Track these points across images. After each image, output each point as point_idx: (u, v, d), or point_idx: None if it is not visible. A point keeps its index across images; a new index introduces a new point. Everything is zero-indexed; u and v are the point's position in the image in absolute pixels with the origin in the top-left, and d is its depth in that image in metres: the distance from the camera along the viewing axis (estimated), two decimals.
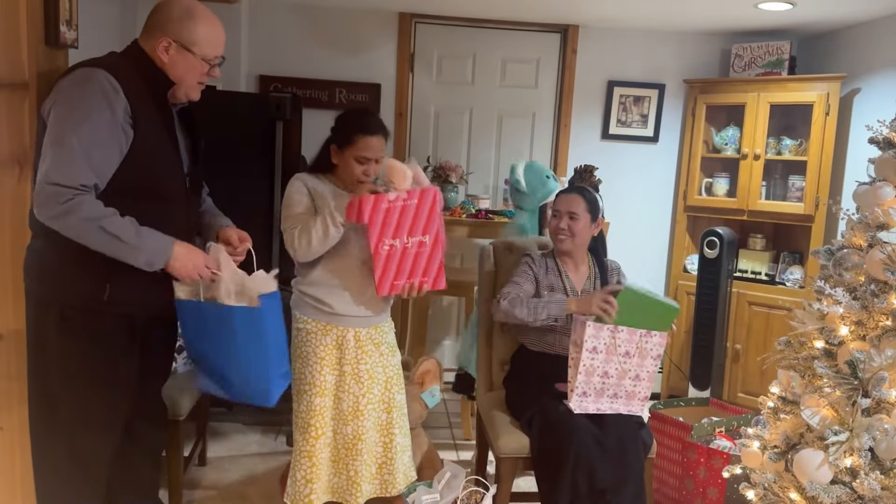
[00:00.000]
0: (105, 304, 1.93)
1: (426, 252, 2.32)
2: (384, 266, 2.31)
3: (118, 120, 1.85)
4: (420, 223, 2.28)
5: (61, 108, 1.83)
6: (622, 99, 4.47)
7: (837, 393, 1.97)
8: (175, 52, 1.95)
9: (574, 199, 2.73)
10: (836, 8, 3.60)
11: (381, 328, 2.52)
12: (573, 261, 2.79)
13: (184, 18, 1.95)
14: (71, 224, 1.82)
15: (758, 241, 4.25)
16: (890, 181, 2.06)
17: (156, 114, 1.95)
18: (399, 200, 2.24)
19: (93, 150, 1.82)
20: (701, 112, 4.27)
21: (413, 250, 2.31)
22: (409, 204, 2.25)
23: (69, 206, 1.79)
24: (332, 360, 2.43)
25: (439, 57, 4.44)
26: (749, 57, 4.18)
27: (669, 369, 4.45)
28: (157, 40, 1.94)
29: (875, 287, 2.00)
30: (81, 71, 1.87)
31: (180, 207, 2.06)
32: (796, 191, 4.00)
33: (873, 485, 1.87)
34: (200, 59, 1.98)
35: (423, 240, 2.30)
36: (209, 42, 1.99)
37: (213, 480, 3.16)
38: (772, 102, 3.99)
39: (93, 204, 1.83)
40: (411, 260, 2.32)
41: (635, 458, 2.43)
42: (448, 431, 3.90)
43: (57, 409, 1.98)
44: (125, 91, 1.86)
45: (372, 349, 2.47)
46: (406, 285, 2.34)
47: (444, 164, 4.12)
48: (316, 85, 4.27)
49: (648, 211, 4.56)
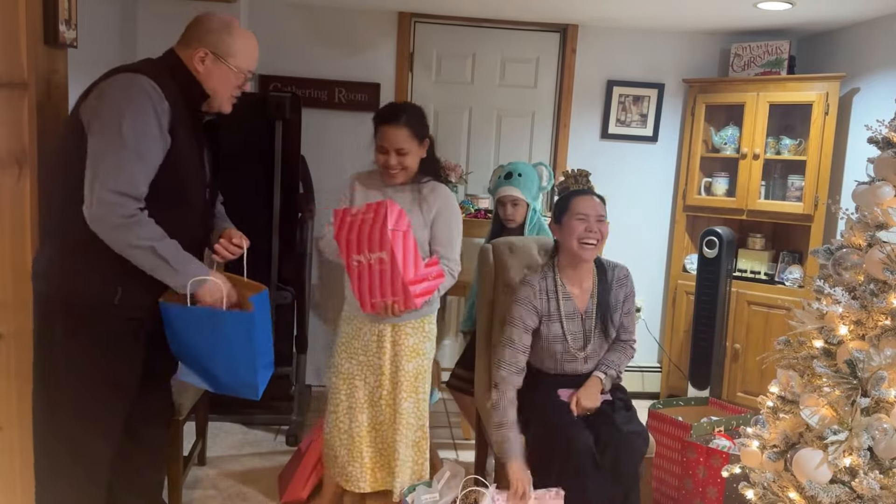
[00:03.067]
0: (115, 307, 1.95)
1: (387, 269, 2.24)
2: (358, 284, 2.32)
3: (163, 127, 1.89)
4: (375, 238, 2.22)
5: (110, 113, 1.84)
6: (621, 98, 4.47)
7: (836, 392, 1.97)
8: (211, 62, 2.01)
9: (597, 203, 2.55)
10: (835, 7, 3.60)
11: (403, 329, 2.53)
12: (578, 274, 2.61)
13: (222, 31, 2.02)
14: (125, 239, 1.85)
15: (757, 240, 4.25)
16: (889, 181, 2.06)
17: (189, 123, 1.99)
18: (359, 213, 2.23)
19: (147, 157, 1.86)
20: (700, 112, 4.27)
21: (377, 267, 2.25)
22: (367, 217, 2.22)
23: (131, 222, 1.84)
24: (349, 348, 2.56)
25: (438, 56, 4.44)
26: (748, 56, 4.18)
27: (669, 369, 4.46)
28: (194, 50, 2.00)
29: (874, 286, 2.00)
30: (124, 76, 1.89)
31: (198, 216, 2.09)
32: (795, 190, 4.00)
33: (872, 484, 1.87)
34: (235, 71, 2.04)
35: (382, 256, 2.22)
36: (245, 55, 2.06)
37: (213, 480, 3.16)
38: (771, 102, 3.99)
39: (150, 224, 1.88)
40: (378, 278, 2.28)
41: (629, 470, 2.41)
42: (447, 431, 3.90)
43: (60, 409, 1.98)
44: (167, 98, 1.90)
45: (388, 347, 2.52)
46: (380, 304, 2.32)
47: (444, 163, 4.11)
48: (315, 84, 4.27)
49: (648, 210, 4.56)
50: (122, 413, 2.06)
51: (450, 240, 2.52)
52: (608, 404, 2.56)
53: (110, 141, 1.82)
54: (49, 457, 2.02)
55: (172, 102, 1.91)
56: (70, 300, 1.93)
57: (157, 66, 1.98)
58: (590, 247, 2.51)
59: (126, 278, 1.92)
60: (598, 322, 2.60)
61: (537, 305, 2.56)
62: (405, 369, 2.53)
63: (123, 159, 1.82)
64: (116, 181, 1.81)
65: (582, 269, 2.61)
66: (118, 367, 2.01)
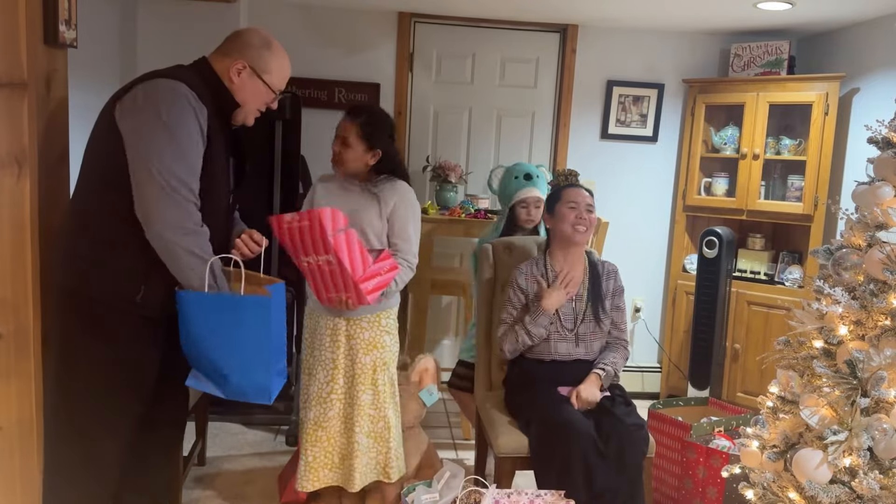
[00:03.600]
0: (136, 305, 1.95)
1: (336, 270, 2.34)
2: (312, 279, 2.43)
3: (203, 131, 1.92)
4: (317, 243, 2.30)
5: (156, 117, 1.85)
6: (621, 98, 4.47)
7: (836, 392, 1.97)
8: (247, 76, 2.05)
9: (585, 194, 2.74)
10: (835, 8, 3.60)
11: (359, 323, 2.58)
12: (569, 261, 2.75)
13: (263, 47, 2.07)
14: (189, 245, 1.89)
15: (757, 240, 4.25)
16: (889, 181, 2.06)
17: (219, 132, 2.02)
18: (295, 222, 2.31)
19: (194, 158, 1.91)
20: (700, 112, 4.27)
21: (326, 268, 2.35)
22: (303, 225, 2.30)
23: (200, 230, 1.90)
24: (311, 343, 2.67)
25: (438, 56, 4.44)
26: (748, 57, 4.18)
27: (668, 369, 4.46)
28: (233, 61, 2.03)
29: (874, 287, 2.00)
30: (162, 82, 1.90)
31: (221, 221, 2.11)
32: (795, 190, 4.00)
33: (872, 484, 1.87)
34: (268, 88, 2.08)
35: (329, 258, 2.31)
36: (280, 74, 2.11)
37: (213, 480, 3.16)
38: (771, 102, 3.99)
39: (206, 238, 1.93)
40: (329, 276, 2.37)
41: (633, 461, 2.44)
42: (447, 431, 3.90)
43: (74, 406, 1.98)
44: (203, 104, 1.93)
45: (342, 341, 2.59)
46: (335, 299, 2.43)
47: (444, 163, 4.12)
48: (315, 84, 4.27)
49: (647, 211, 4.56)
50: (135, 414, 2.06)
51: (407, 233, 2.59)
52: (608, 399, 2.60)
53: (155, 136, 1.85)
54: (58, 456, 2.02)
55: (206, 109, 1.94)
56: (92, 295, 1.94)
57: (191, 74, 2.00)
58: (581, 231, 2.68)
59: (150, 276, 1.94)
60: (590, 306, 2.72)
61: (522, 285, 2.72)
62: (362, 362, 2.59)
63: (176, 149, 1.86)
64: (177, 166, 1.85)
65: (572, 254, 2.75)
66: (134, 367, 2.01)
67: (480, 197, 4.21)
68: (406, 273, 2.60)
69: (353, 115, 2.56)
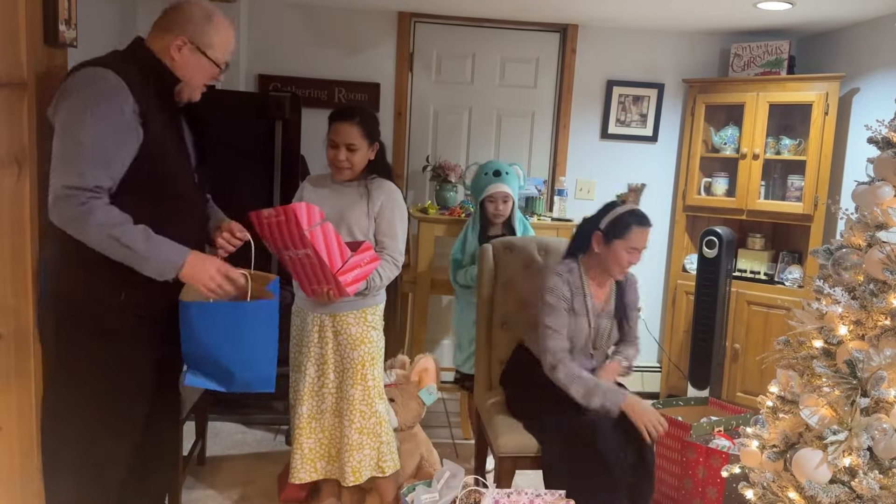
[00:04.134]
0: (122, 302, 1.93)
1: (315, 263, 2.36)
2: (295, 272, 2.46)
3: (128, 119, 1.85)
4: (294, 238, 2.31)
5: (70, 109, 1.82)
6: (621, 98, 4.47)
7: (836, 392, 1.97)
8: (189, 52, 1.98)
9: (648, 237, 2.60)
10: (835, 7, 3.60)
11: (345, 319, 2.61)
12: (601, 277, 2.65)
13: (204, 22, 1.99)
14: (84, 229, 1.83)
15: (757, 240, 4.25)
16: (889, 181, 2.06)
17: (163, 112, 1.96)
18: (272, 217, 2.31)
19: (105, 152, 1.83)
20: (700, 112, 4.27)
21: (306, 261, 2.37)
22: (280, 220, 2.30)
23: (83, 210, 1.80)
24: (297, 338, 2.71)
25: (438, 56, 4.44)
26: (748, 56, 4.18)
27: (668, 369, 4.46)
28: (173, 37, 1.96)
29: (874, 286, 2.00)
30: (87, 70, 1.86)
31: (191, 204, 2.07)
32: (795, 190, 4.00)
33: (872, 484, 1.87)
34: (212, 63, 2.02)
35: (308, 252, 2.33)
36: (223, 47, 2.04)
37: (213, 480, 3.16)
38: (771, 102, 3.99)
39: (106, 209, 1.84)
40: (310, 269, 2.40)
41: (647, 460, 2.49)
42: (447, 431, 3.90)
43: (70, 409, 1.97)
44: (133, 90, 1.86)
45: (330, 336, 2.62)
46: (319, 291, 2.44)
47: (443, 163, 4.12)
48: (315, 84, 4.27)
49: (647, 210, 4.49)
50: (137, 414, 2.04)
51: (394, 231, 2.64)
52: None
53: (67, 139, 1.81)
54: (58, 458, 2.00)
55: (142, 93, 1.88)
56: (77, 298, 1.92)
57: (123, 57, 1.95)
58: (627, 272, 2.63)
59: (127, 277, 1.89)
60: (615, 322, 2.69)
61: (566, 294, 2.58)
62: (350, 357, 2.62)
63: (75, 155, 1.80)
64: (68, 177, 1.79)
65: (608, 279, 2.69)
66: (133, 366, 1.99)
67: None
68: (391, 269, 2.63)
69: (348, 118, 2.57)
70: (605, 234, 2.58)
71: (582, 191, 4.50)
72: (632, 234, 2.54)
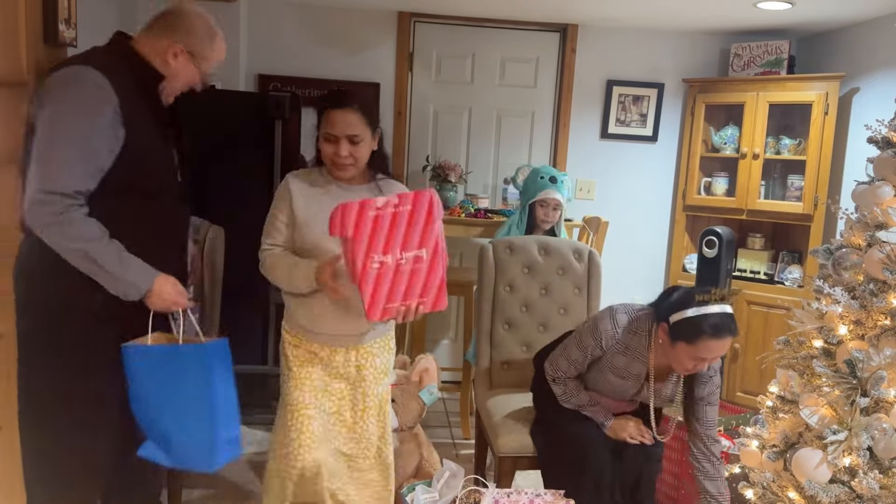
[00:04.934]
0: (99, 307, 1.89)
1: (424, 268, 1.95)
2: (374, 287, 1.92)
3: (109, 120, 1.82)
4: (415, 234, 1.92)
5: (51, 109, 1.80)
6: (621, 98, 4.47)
7: (836, 392, 1.97)
8: (185, 60, 1.98)
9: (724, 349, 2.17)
10: (835, 7, 3.60)
11: (370, 350, 2.25)
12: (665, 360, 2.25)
13: (206, 39, 2.00)
14: (57, 239, 1.80)
15: (757, 240, 4.25)
16: (889, 180, 2.07)
17: (146, 111, 1.93)
18: (389, 206, 1.89)
19: (85, 154, 1.80)
20: (700, 111, 4.27)
21: (408, 267, 1.93)
22: (402, 210, 1.90)
23: (59, 220, 1.78)
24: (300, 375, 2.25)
25: (438, 56, 4.44)
26: (748, 56, 4.18)
27: None
28: (171, 43, 1.95)
29: (874, 286, 2.00)
30: (69, 70, 1.83)
31: (174, 203, 2.05)
32: (795, 190, 4.00)
33: (872, 484, 1.87)
34: (201, 73, 2.03)
35: (420, 254, 1.93)
36: (215, 63, 2.06)
37: (213, 480, 3.16)
38: (771, 102, 3.99)
39: (83, 222, 1.81)
40: (406, 278, 1.95)
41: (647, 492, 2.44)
42: (447, 431, 3.90)
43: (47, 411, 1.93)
44: (115, 89, 1.83)
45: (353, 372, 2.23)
46: (401, 308, 1.97)
47: (443, 163, 4.13)
48: (315, 84, 4.27)
49: (647, 210, 4.56)
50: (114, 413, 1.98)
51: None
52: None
53: (47, 140, 1.78)
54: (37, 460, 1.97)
55: (124, 92, 1.86)
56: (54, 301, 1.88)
57: (106, 54, 1.92)
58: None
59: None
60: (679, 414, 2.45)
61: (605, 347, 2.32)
62: (373, 393, 2.25)
63: (54, 157, 1.78)
64: (47, 181, 1.77)
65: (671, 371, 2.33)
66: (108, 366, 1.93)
67: (480, 196, 4.21)
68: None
69: (346, 103, 2.07)
70: (672, 331, 2.17)
71: (582, 191, 4.50)
72: (704, 343, 2.10)
